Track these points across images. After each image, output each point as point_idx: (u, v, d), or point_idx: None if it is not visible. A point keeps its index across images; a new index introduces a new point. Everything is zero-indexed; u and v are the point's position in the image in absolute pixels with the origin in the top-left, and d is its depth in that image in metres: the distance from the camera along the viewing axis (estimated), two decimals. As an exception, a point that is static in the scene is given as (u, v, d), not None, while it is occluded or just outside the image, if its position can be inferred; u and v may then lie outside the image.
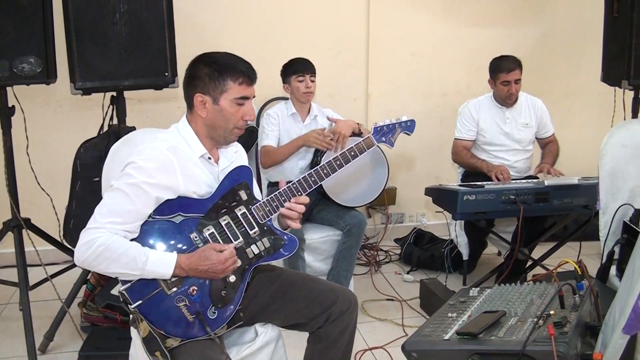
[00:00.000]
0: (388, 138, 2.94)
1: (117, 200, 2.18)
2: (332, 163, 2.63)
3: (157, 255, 2.17)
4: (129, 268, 2.14)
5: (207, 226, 2.29)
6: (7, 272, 3.92)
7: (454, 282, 4.32)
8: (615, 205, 3.05)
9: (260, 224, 2.38)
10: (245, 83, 2.30)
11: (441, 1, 5.17)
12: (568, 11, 5.43)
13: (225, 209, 2.33)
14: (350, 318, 2.48)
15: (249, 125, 4.55)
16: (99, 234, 2.12)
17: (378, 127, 2.91)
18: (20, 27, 3.08)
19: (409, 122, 3.05)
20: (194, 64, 2.34)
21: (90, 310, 3.59)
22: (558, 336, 1.76)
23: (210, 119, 2.32)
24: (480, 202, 3.50)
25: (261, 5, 4.80)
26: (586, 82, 5.44)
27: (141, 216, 2.21)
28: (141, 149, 2.26)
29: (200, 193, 2.32)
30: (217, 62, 2.30)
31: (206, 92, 2.29)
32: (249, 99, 2.33)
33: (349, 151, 2.70)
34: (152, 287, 2.21)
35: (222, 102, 2.29)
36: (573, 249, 4.16)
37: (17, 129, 3.47)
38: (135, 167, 2.20)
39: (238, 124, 2.33)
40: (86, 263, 2.16)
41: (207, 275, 2.23)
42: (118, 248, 2.12)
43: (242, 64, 2.33)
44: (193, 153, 2.33)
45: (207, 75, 2.28)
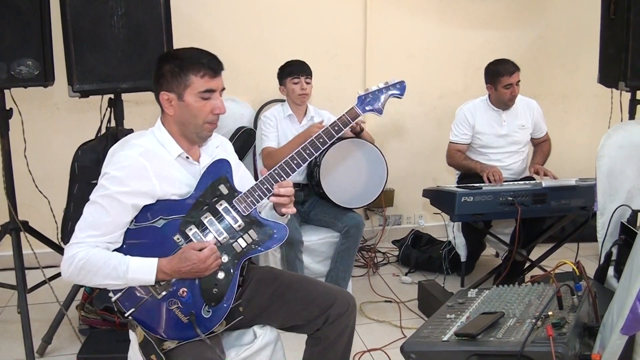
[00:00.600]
0: (375, 105, 2.65)
1: (93, 213, 2.19)
2: (315, 141, 2.49)
3: (137, 263, 2.18)
4: (111, 278, 2.15)
5: (189, 226, 2.27)
6: (5, 275, 3.91)
7: (452, 284, 4.32)
8: (612, 206, 3.07)
9: (244, 216, 2.32)
10: (208, 75, 2.25)
11: (438, 4, 5.18)
12: (564, 13, 5.44)
13: (207, 206, 2.30)
14: (349, 320, 2.47)
15: (247, 128, 4.56)
16: (78, 249, 2.15)
17: (362, 96, 2.64)
18: (18, 30, 3.08)
19: (397, 84, 2.72)
20: (158, 62, 2.31)
21: (89, 313, 3.58)
22: (556, 337, 1.76)
23: (178, 116, 2.29)
24: (478, 203, 3.51)
25: (258, 8, 4.81)
26: (583, 84, 5.46)
27: (120, 226, 2.20)
28: (114, 159, 2.24)
29: (180, 193, 2.30)
30: (179, 58, 2.26)
31: (170, 90, 2.26)
32: (215, 91, 2.28)
33: (332, 126, 2.54)
34: (142, 293, 2.22)
35: (186, 97, 2.25)
36: (571, 250, 4.16)
37: (15, 132, 3.47)
38: (108, 177, 2.20)
39: (208, 119, 2.29)
40: (72, 278, 2.19)
41: (191, 275, 2.22)
42: (98, 260, 2.14)
43: (205, 56, 2.27)
44: (169, 154, 2.31)
45: (170, 72, 2.25)
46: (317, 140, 2.49)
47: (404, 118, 5.27)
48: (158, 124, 2.36)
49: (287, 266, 3.72)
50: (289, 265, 3.72)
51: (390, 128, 5.25)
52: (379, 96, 2.67)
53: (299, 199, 4.04)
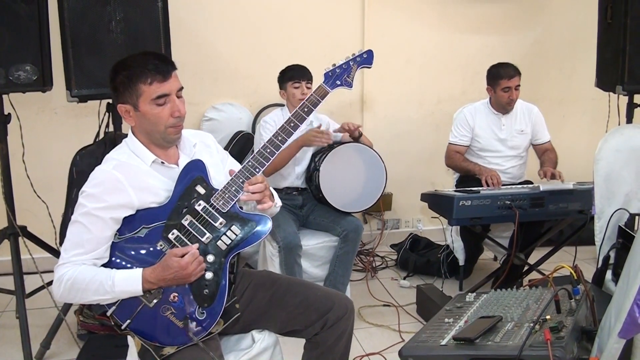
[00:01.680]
0: (343, 79, 2.61)
1: (75, 232, 2.20)
2: (286, 127, 2.45)
3: (122, 275, 2.18)
4: (100, 294, 2.16)
5: (171, 231, 2.25)
6: (4, 280, 3.91)
7: (450, 288, 4.32)
8: (610, 210, 3.07)
9: (223, 213, 2.29)
10: (157, 81, 2.19)
11: (436, 9, 5.19)
12: (562, 17, 5.46)
13: (186, 208, 2.28)
14: (347, 324, 2.47)
15: (245, 132, 4.56)
16: (65, 269, 2.17)
17: (329, 72, 2.61)
18: (16, 35, 3.09)
19: (364, 54, 2.69)
20: (111, 74, 2.27)
21: (87, 318, 3.57)
22: (554, 341, 1.76)
23: (139, 126, 2.28)
24: (476, 207, 3.51)
25: (256, 13, 4.82)
26: (580, 88, 5.47)
27: (103, 241, 2.21)
28: (90, 175, 2.25)
29: (159, 201, 2.29)
30: (126, 68, 2.21)
31: (125, 102, 2.24)
32: (169, 95, 2.23)
33: (301, 108, 2.51)
34: (135, 304, 2.22)
35: (142, 107, 2.22)
36: (569, 254, 4.17)
37: (13, 137, 3.47)
38: (85, 195, 2.20)
39: (169, 123, 2.25)
40: (63, 298, 2.21)
41: (177, 282, 2.21)
42: (84, 278, 2.15)
43: (150, 61, 2.20)
44: (143, 163, 2.30)
45: (122, 84, 2.22)
46: (287, 125, 2.47)
47: (402, 122, 5.28)
48: (129, 134, 2.35)
49: (286, 271, 3.71)
50: (287, 269, 3.72)
51: (388, 132, 5.25)
52: (346, 69, 2.64)
53: (297, 202, 4.05)
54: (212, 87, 4.69)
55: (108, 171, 2.22)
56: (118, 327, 2.24)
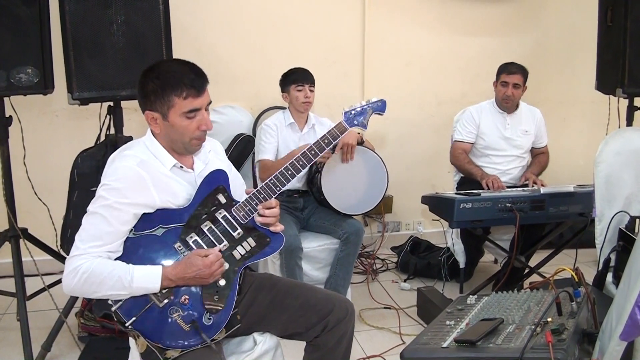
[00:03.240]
0: (360, 121, 2.87)
1: (94, 224, 2.18)
2: (307, 153, 2.62)
3: (142, 271, 2.17)
4: (116, 289, 2.15)
5: (190, 234, 2.28)
6: (4, 282, 3.91)
7: (451, 290, 4.31)
8: (611, 213, 3.07)
9: (242, 224, 2.35)
10: (192, 96, 2.21)
11: (436, 11, 5.20)
12: (562, 20, 5.47)
13: (206, 215, 2.32)
14: (347, 326, 2.47)
15: (246, 135, 4.57)
16: (82, 261, 2.14)
17: (348, 112, 2.86)
18: (18, 38, 3.09)
19: (379, 102, 2.94)
20: (142, 79, 2.26)
21: (88, 320, 3.58)
22: (556, 343, 1.77)
23: (164, 134, 2.29)
24: (476, 210, 3.51)
25: (257, 16, 4.82)
26: (580, 91, 5.46)
27: (121, 235, 2.20)
28: (112, 170, 2.24)
29: (178, 203, 2.30)
30: (160, 77, 2.21)
31: (155, 110, 2.23)
32: (199, 110, 2.25)
33: (323, 139, 2.70)
34: (143, 302, 2.21)
35: (171, 117, 2.22)
36: (569, 257, 4.17)
37: (14, 139, 3.47)
38: (108, 188, 2.19)
39: (194, 135, 2.27)
40: (75, 291, 2.18)
41: (195, 282, 2.23)
42: (102, 271, 2.13)
43: (187, 75, 2.21)
44: (163, 166, 2.30)
45: (153, 93, 2.21)
46: (309, 152, 2.63)
47: (402, 125, 5.28)
48: (149, 135, 2.35)
49: (287, 273, 3.71)
50: (288, 272, 3.72)
51: (388, 135, 5.26)
52: (362, 113, 2.89)
53: (298, 205, 4.05)
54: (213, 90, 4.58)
55: (132, 167, 2.21)
56: (122, 323, 2.23)
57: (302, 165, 2.57)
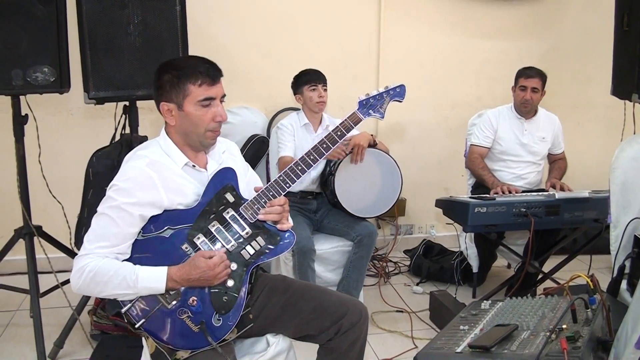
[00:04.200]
0: (377, 109, 2.68)
1: (101, 224, 2.20)
2: (319, 147, 2.52)
3: (147, 272, 2.18)
4: (121, 288, 2.16)
5: (197, 235, 2.28)
6: (18, 279, 3.92)
7: (464, 295, 4.31)
8: (626, 219, 3.05)
9: (251, 223, 2.34)
10: (206, 84, 2.25)
11: (451, 14, 5.18)
12: (577, 24, 5.44)
13: (214, 214, 2.31)
14: (361, 330, 2.47)
15: (260, 135, 4.58)
16: (88, 260, 2.16)
17: (364, 100, 2.67)
18: (35, 37, 3.10)
19: (397, 88, 2.73)
20: (157, 73, 2.31)
21: (101, 318, 3.60)
22: (571, 351, 1.76)
23: (180, 125, 2.30)
24: (491, 214, 3.50)
25: (272, 18, 4.83)
26: (595, 95, 5.46)
27: (128, 236, 2.22)
28: (121, 170, 2.26)
29: (187, 203, 2.31)
30: (176, 68, 2.26)
31: (170, 100, 2.26)
32: (214, 99, 2.28)
33: (335, 131, 2.57)
34: (152, 303, 2.22)
35: (186, 107, 2.25)
36: (582, 262, 4.15)
37: (30, 138, 3.49)
38: (116, 189, 2.20)
39: (209, 127, 2.29)
40: (82, 289, 2.20)
41: (200, 283, 2.23)
42: (108, 271, 2.15)
43: (202, 64, 2.27)
44: (175, 164, 2.32)
45: (168, 83, 2.25)
46: (320, 146, 2.52)
47: (416, 127, 5.28)
48: (162, 134, 2.37)
49: (299, 275, 3.71)
50: (301, 273, 3.72)
51: (402, 137, 5.25)
52: (380, 101, 2.69)
53: (311, 207, 4.05)
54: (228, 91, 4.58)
55: (141, 168, 2.23)
56: (132, 325, 2.24)
57: (313, 160, 2.49)
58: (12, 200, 3.65)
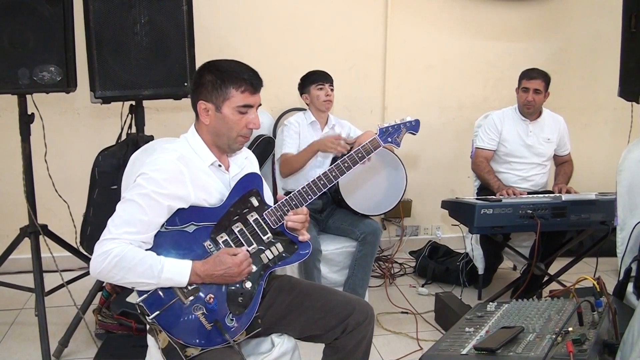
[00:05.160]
0: (394, 138, 2.90)
1: (129, 210, 2.19)
2: (340, 165, 2.61)
3: (172, 263, 2.19)
4: (145, 277, 2.15)
5: (220, 234, 2.30)
6: (23, 278, 3.93)
7: (469, 296, 4.30)
8: (633, 222, 3.03)
9: (272, 229, 2.38)
10: (248, 91, 2.28)
11: (457, 15, 5.18)
12: (584, 26, 5.43)
13: (238, 216, 2.34)
14: (367, 330, 2.47)
15: (266, 136, 4.57)
16: (114, 245, 2.14)
17: (383, 129, 2.87)
18: (41, 36, 3.11)
19: (413, 122, 3.00)
20: (199, 71, 2.33)
21: (105, 317, 3.60)
22: (577, 354, 1.75)
23: (213, 126, 2.32)
24: (497, 216, 3.49)
25: (279, 18, 4.83)
26: (603, 97, 5.44)
27: (154, 226, 2.21)
28: (151, 160, 2.27)
29: (211, 201, 2.33)
30: (221, 70, 2.28)
31: (209, 100, 2.28)
32: (252, 107, 2.32)
33: (356, 153, 2.68)
34: (168, 297, 2.22)
35: (224, 110, 2.28)
36: (588, 265, 4.14)
37: (36, 136, 3.50)
38: (146, 178, 2.21)
39: (242, 132, 2.32)
40: (102, 274, 2.16)
41: (223, 280, 2.24)
42: (134, 257, 2.13)
43: (246, 72, 2.30)
44: (202, 162, 2.33)
45: (211, 83, 2.27)
46: (342, 164, 2.62)
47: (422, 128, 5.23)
48: (192, 131, 2.39)
49: (305, 275, 3.71)
50: (306, 274, 3.72)
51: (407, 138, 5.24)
52: (397, 131, 2.93)
53: (317, 207, 4.04)
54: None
55: (172, 161, 2.24)
56: (145, 316, 2.22)
57: (335, 177, 2.58)
58: (17, 199, 3.65)
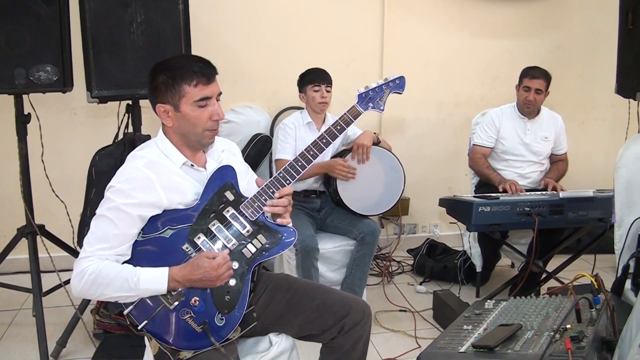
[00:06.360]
0: (376, 102, 2.68)
1: (101, 226, 2.18)
2: (318, 142, 2.50)
3: (148, 273, 2.17)
4: (123, 290, 2.15)
5: (198, 234, 2.26)
6: (21, 278, 3.92)
7: (467, 294, 4.30)
8: (630, 219, 3.04)
9: (251, 221, 2.33)
10: (202, 83, 2.22)
11: (455, 13, 5.18)
12: (582, 23, 5.43)
13: (214, 214, 2.30)
14: (364, 329, 2.46)
15: (263, 134, 4.57)
16: (89, 263, 2.14)
17: (363, 93, 2.68)
18: (38, 36, 3.10)
19: (397, 80, 2.74)
20: (151, 74, 2.29)
21: (103, 317, 3.59)
22: (575, 351, 1.75)
23: (177, 127, 2.29)
24: (495, 213, 3.49)
25: (276, 17, 4.82)
26: (600, 94, 5.44)
27: (128, 238, 2.20)
28: (119, 172, 2.25)
29: (186, 202, 2.30)
30: (170, 68, 2.24)
31: (166, 102, 2.24)
32: (211, 98, 2.26)
33: (335, 126, 2.56)
34: (154, 305, 2.21)
35: (183, 107, 2.23)
36: (586, 262, 4.14)
37: (33, 137, 3.49)
38: (114, 190, 2.19)
39: (207, 126, 2.28)
40: (83, 292, 2.17)
41: (203, 284, 2.21)
42: (109, 273, 2.13)
43: (196, 64, 2.24)
44: (173, 164, 2.30)
45: (163, 84, 2.23)
46: (320, 141, 2.52)
47: (420, 126, 5.27)
48: (160, 135, 2.36)
49: (303, 274, 3.71)
50: (304, 272, 3.71)
51: (406, 135, 5.24)
52: (379, 93, 2.70)
53: (315, 206, 4.04)
54: (231, 90, 4.68)
55: (139, 168, 2.22)
56: (134, 327, 2.23)
57: (313, 155, 2.48)
58: (15, 199, 3.65)
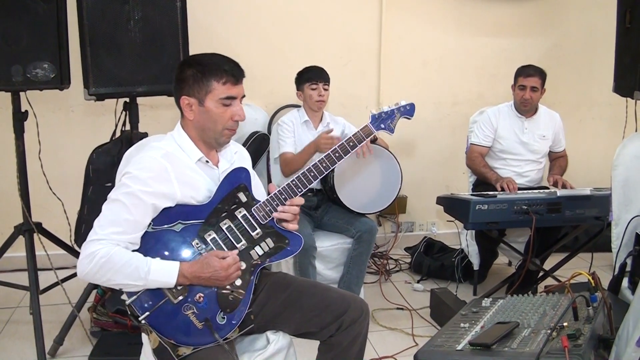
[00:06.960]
0: (387, 124, 2.81)
1: (115, 210, 2.17)
2: (331, 156, 2.59)
3: (159, 265, 2.17)
4: (132, 278, 2.14)
5: (208, 232, 2.28)
6: (18, 276, 3.91)
7: (465, 292, 4.30)
8: (627, 217, 3.05)
9: (262, 224, 2.35)
10: (230, 82, 2.27)
11: (453, 12, 5.17)
12: (579, 22, 5.43)
13: (226, 213, 2.31)
14: (362, 327, 2.46)
15: (261, 132, 4.57)
16: (100, 246, 2.12)
17: (376, 115, 2.79)
18: (35, 33, 3.09)
19: (407, 106, 2.87)
20: (180, 67, 2.33)
21: (100, 315, 3.59)
22: (572, 348, 1.75)
23: (198, 121, 2.31)
24: (492, 212, 3.49)
25: (274, 15, 4.82)
26: (598, 93, 5.44)
27: (140, 226, 2.20)
28: (137, 159, 2.25)
29: (199, 198, 2.31)
30: (201, 63, 2.27)
31: (191, 95, 2.27)
32: (235, 98, 2.30)
33: (348, 142, 2.64)
34: (158, 297, 2.21)
35: (207, 103, 2.26)
36: (583, 260, 4.14)
37: (30, 134, 3.48)
38: (131, 177, 2.19)
39: (227, 125, 2.31)
40: (89, 276, 2.15)
41: (210, 282, 2.22)
42: (120, 259, 2.12)
43: (227, 63, 2.29)
44: (189, 159, 2.32)
45: (192, 77, 2.26)
46: (333, 154, 2.59)
47: (417, 125, 5.24)
48: (178, 128, 2.37)
49: (300, 272, 3.71)
50: (301, 271, 3.71)
51: (403, 134, 5.24)
52: (390, 116, 2.82)
53: (312, 204, 4.04)
54: (229, 87, 4.68)
55: (156, 159, 2.23)
56: (135, 317, 2.22)
57: (326, 168, 2.55)
58: (12, 196, 3.65)
